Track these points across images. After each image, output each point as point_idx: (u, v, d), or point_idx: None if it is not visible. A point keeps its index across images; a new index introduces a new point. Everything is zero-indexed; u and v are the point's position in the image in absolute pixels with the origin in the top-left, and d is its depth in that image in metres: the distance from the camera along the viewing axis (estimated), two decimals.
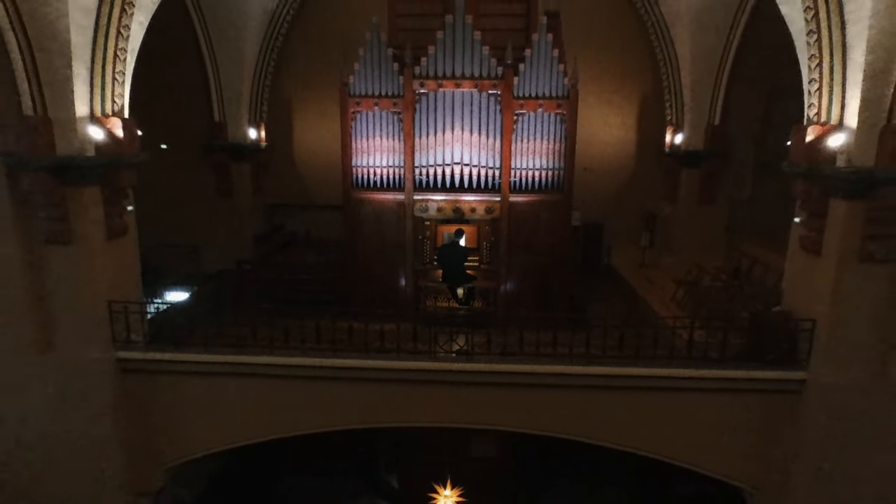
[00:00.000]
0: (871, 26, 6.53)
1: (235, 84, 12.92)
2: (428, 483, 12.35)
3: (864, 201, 7.10)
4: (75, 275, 7.90)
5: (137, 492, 8.73)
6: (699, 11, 11.48)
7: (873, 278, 7.29)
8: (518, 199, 10.12)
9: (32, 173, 7.37)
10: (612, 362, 8.03)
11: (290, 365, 8.26)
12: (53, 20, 6.88)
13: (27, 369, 7.93)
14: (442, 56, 9.72)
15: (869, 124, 6.89)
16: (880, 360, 7.50)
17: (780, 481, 8.09)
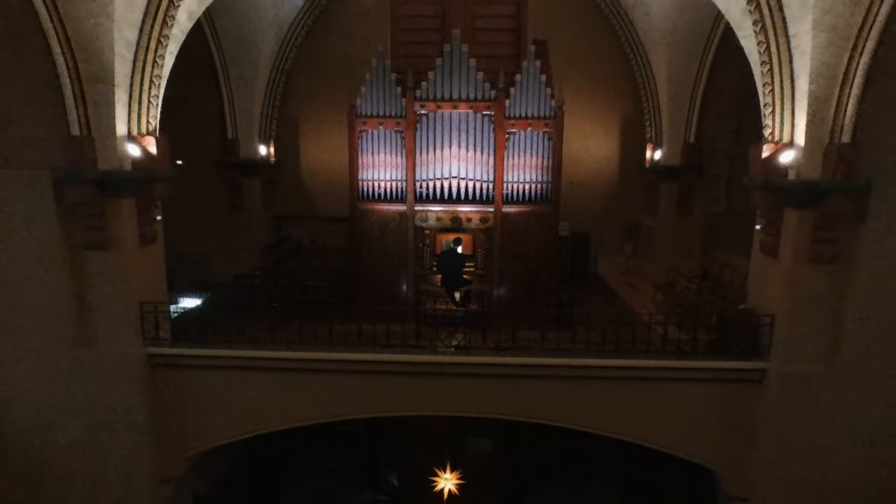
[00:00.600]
0: (812, 59, 7.57)
1: (247, 104, 13.87)
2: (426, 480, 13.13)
3: (812, 210, 8.08)
4: (112, 277, 8.74)
5: (162, 478, 9.49)
6: (674, 40, 12.56)
7: (821, 277, 8.25)
8: (510, 210, 11.07)
9: (77, 186, 8.25)
10: (595, 355, 8.93)
11: (304, 359, 9.09)
12: (101, 52, 7.80)
13: (68, 362, 8.72)
14: (440, 80, 10.72)
15: (815, 143, 7.90)
16: (830, 350, 8.43)
17: (745, 462, 8.96)
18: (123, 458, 9.09)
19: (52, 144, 8.16)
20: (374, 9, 14.03)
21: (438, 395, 9.23)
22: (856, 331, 8.25)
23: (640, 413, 9.07)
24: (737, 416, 8.93)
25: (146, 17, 8.10)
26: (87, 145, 8.14)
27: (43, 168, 8.23)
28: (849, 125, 7.62)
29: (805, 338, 8.46)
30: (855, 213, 7.95)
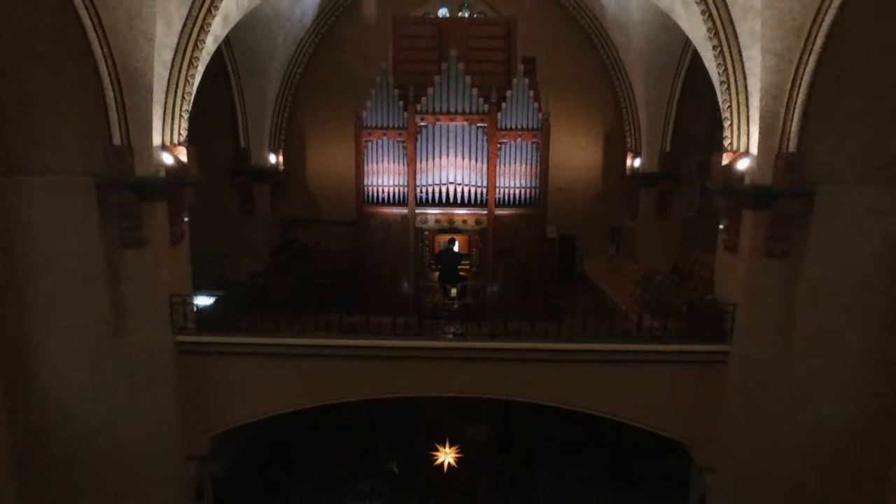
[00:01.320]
0: (762, 79, 8.71)
1: (259, 115, 14.90)
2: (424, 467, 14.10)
3: (766, 211, 9.19)
4: (145, 273, 9.67)
5: (187, 456, 10.39)
6: (650, 59, 13.74)
7: (775, 270, 9.34)
8: (502, 213, 12.15)
9: (117, 191, 9.20)
10: (578, 340, 9.98)
11: (317, 345, 10.06)
12: (143, 72, 8.82)
13: (105, 349, 9.61)
14: (439, 95, 11.80)
15: (766, 152, 9.03)
16: (783, 334, 9.50)
17: (712, 435, 10.01)
18: (153, 437, 9.96)
19: (96, 153, 9.11)
20: (376, 28, 15.15)
21: (438, 377, 10.23)
22: (805, 317, 9.34)
23: (620, 392, 10.09)
24: (704, 394, 9.97)
25: (180, 41, 9.14)
26: (126, 154, 9.12)
27: (86, 174, 9.18)
28: (794, 136, 8.76)
29: (762, 323, 9.53)
30: (802, 213, 9.08)
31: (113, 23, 8.32)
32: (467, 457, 14.54)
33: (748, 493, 9.82)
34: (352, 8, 15.39)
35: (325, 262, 15.36)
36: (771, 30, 8.30)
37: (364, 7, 15.28)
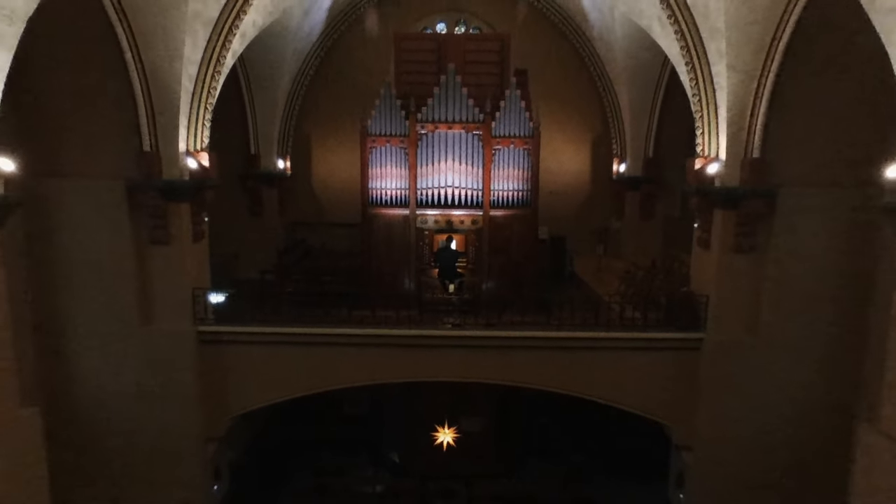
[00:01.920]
0: (728, 92, 9.69)
1: (268, 123, 15.81)
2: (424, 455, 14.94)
3: (734, 210, 10.16)
4: (170, 268, 10.54)
5: (207, 437, 11.20)
6: (633, 72, 14.75)
7: (743, 264, 10.29)
8: (496, 214, 13.08)
9: (146, 192, 10.09)
10: (566, 328, 10.89)
11: (328, 334, 10.92)
12: (171, 86, 9.72)
13: (133, 337, 10.44)
14: (438, 105, 12.76)
15: (733, 157, 10.00)
16: (752, 321, 10.44)
17: (689, 416, 10.91)
18: (177, 420, 10.77)
19: (128, 159, 9.99)
20: (377, 42, 16.11)
21: (438, 364, 11.09)
22: (770, 306, 10.28)
23: (604, 377, 10.97)
24: (681, 377, 10.87)
25: (204, 57, 10.05)
26: (155, 159, 10.01)
27: (118, 178, 10.05)
28: (758, 143, 9.72)
29: (732, 312, 10.46)
30: (766, 212, 10.04)
31: (147, 44, 9.22)
32: (465, 446, 15.42)
33: (722, 468, 10.70)
34: (355, 23, 16.35)
35: (330, 262, 16.22)
36: (734, 49, 9.27)
37: (366, 23, 16.24)
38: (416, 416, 15.39)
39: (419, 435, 15.17)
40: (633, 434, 14.50)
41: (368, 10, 16.09)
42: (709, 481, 10.81)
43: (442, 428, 13.12)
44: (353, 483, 15.25)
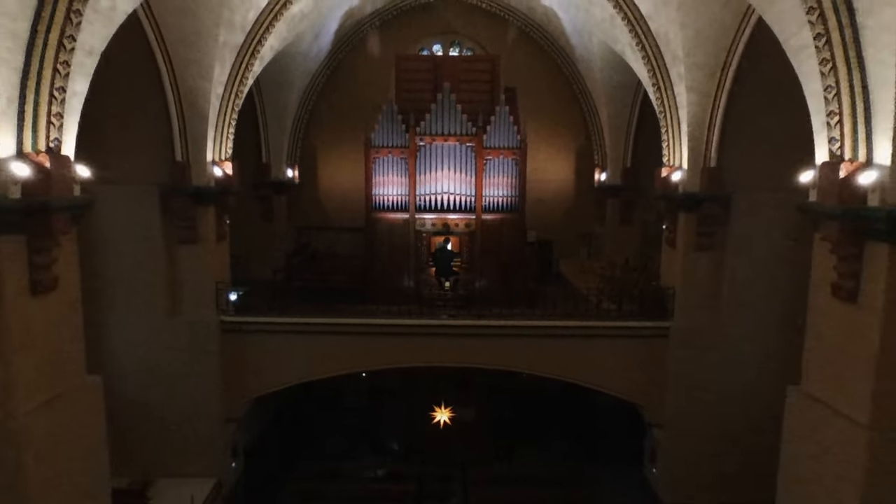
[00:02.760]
0: (688, 110, 11.08)
1: (278, 135, 17.11)
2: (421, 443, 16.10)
3: (695, 213, 11.51)
4: (196, 264, 11.78)
5: (226, 418, 12.38)
6: (611, 90, 16.15)
7: (704, 260, 11.62)
8: (488, 218, 14.41)
9: (177, 197, 11.36)
10: (549, 318, 12.19)
11: (336, 324, 12.15)
12: (201, 103, 11.03)
13: (163, 325, 11.65)
14: (435, 120, 14.12)
15: (694, 166, 11.36)
16: (713, 311, 11.73)
17: (659, 396, 12.18)
18: (201, 401, 11.94)
19: (160, 167, 11.26)
20: (379, 62, 17.49)
21: (435, 350, 12.33)
22: (728, 298, 11.60)
23: (583, 362, 12.24)
24: (651, 362, 12.14)
25: (229, 78, 11.36)
26: (186, 168, 11.29)
27: (152, 184, 11.32)
28: (714, 154, 11.09)
29: (695, 303, 11.75)
30: (722, 214, 11.40)
31: (183, 68, 10.53)
32: (460, 434, 16.60)
33: (687, 442, 11.93)
34: (359, 45, 17.72)
35: (335, 263, 17.51)
36: (691, 73, 10.67)
37: (368, 44, 17.62)
38: (414, 407, 16.62)
39: (417, 425, 16.38)
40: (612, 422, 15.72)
41: (370, 33, 17.47)
42: (676, 454, 12.06)
43: (439, 408, 14.30)
44: (356, 468, 16.37)
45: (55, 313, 7.02)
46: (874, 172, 6.14)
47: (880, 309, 6.27)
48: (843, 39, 6.16)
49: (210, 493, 11.76)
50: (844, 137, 6.45)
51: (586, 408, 17.05)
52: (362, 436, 17.78)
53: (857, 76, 6.16)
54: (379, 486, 15.35)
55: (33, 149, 6.32)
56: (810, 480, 7.26)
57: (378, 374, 17.21)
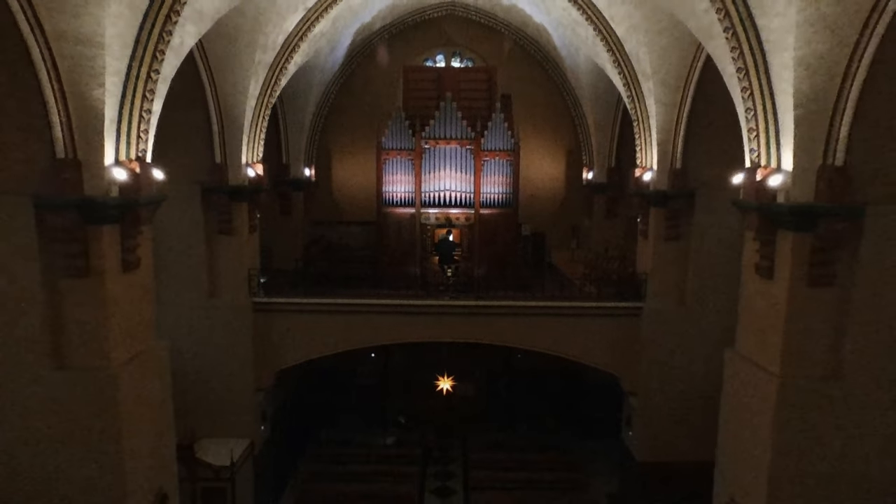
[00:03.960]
0: (657, 120, 12.77)
1: (297, 138, 18.82)
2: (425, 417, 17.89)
3: (664, 208, 13.21)
4: (232, 253, 13.49)
5: (257, 388, 14.13)
6: (597, 97, 17.82)
7: (671, 249, 13.30)
8: (485, 212, 16.14)
9: (217, 195, 13.09)
10: (538, 298, 13.94)
11: (354, 303, 13.87)
12: (239, 114, 12.75)
13: (203, 307, 13.38)
14: (438, 125, 15.83)
15: (662, 167, 13.03)
16: (679, 293, 13.46)
17: (633, 368, 13.93)
18: (236, 372, 13.68)
19: (202, 168, 12.96)
20: (388, 72, 19.18)
21: (438, 327, 14.06)
22: (692, 282, 13.31)
23: (568, 338, 13.95)
24: (628, 338, 13.85)
25: (261, 91, 13.09)
26: (224, 169, 13.03)
27: (195, 183, 13.04)
28: (679, 156, 12.77)
29: (664, 287, 13.45)
30: (687, 208, 13.11)
31: (223, 84, 12.25)
32: (460, 409, 18.42)
33: (658, 407, 13.67)
34: (369, 57, 19.39)
35: (347, 253, 19.26)
36: (657, 87, 12.36)
37: (378, 56, 19.30)
38: (419, 386, 18.48)
39: (421, 401, 18.24)
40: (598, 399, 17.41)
41: (379, 46, 19.14)
42: (648, 418, 13.79)
43: (442, 377, 16.10)
44: (368, 436, 18.17)
45: (137, 287, 8.79)
46: (780, 176, 7.87)
47: (787, 282, 8.01)
48: (757, 73, 7.88)
49: (244, 451, 13.55)
50: (760, 148, 8.18)
51: (575, 386, 18.82)
52: (373, 410, 19.58)
53: (768, 102, 7.88)
54: (388, 452, 17.19)
55: (127, 157, 8.07)
56: (740, 430, 9.01)
57: (387, 355, 19.09)
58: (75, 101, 7.40)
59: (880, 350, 7.93)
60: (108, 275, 8.08)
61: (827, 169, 7.58)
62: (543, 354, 14.80)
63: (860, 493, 8.10)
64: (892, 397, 7.97)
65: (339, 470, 15.93)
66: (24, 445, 8.09)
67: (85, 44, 7.14)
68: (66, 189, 7.55)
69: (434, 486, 16.37)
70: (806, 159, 7.67)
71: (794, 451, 8.08)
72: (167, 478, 9.58)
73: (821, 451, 8.07)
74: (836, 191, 7.55)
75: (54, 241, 7.78)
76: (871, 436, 8.02)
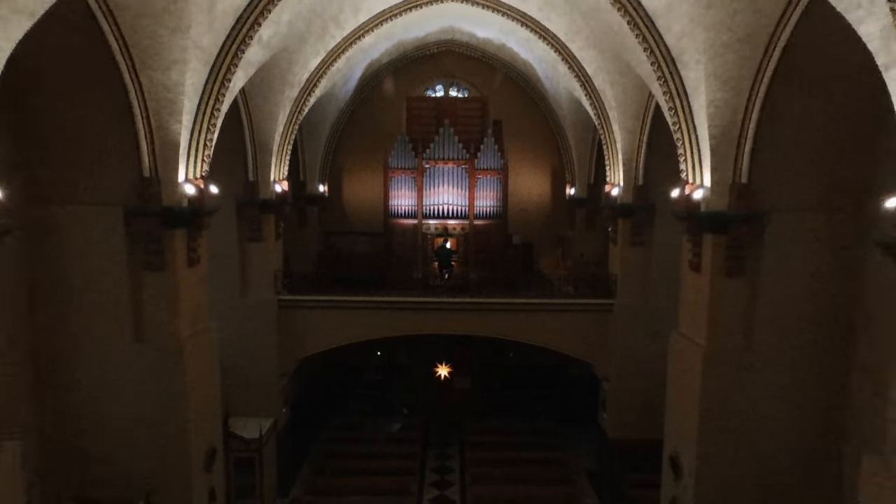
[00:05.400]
0: (621, 143, 15.01)
1: (313, 158, 21.03)
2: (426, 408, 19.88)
3: (630, 219, 15.37)
4: (261, 257, 15.64)
5: (280, 373, 16.19)
6: (577, 123, 20.08)
7: (636, 253, 15.43)
8: (478, 223, 18.31)
9: (249, 207, 15.29)
10: (523, 297, 16.06)
11: (365, 301, 16.01)
12: (267, 138, 14.99)
13: (235, 303, 15.49)
14: (438, 147, 18.07)
15: (627, 184, 15.22)
16: (644, 291, 15.55)
17: (606, 356, 15.99)
18: (264, 359, 15.70)
19: (238, 184, 15.18)
20: (393, 100, 21.49)
21: (437, 321, 16.17)
22: (654, 281, 15.42)
23: (549, 330, 16.03)
24: (601, 330, 15.95)
25: (287, 120, 15.35)
26: (256, 185, 15.24)
27: (231, 197, 15.21)
28: (641, 174, 14.94)
29: (631, 286, 15.57)
30: (648, 219, 15.28)
31: (257, 113, 14.52)
32: (457, 398, 20.41)
33: (627, 390, 15.66)
34: (376, 88, 21.70)
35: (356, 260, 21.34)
36: (621, 116, 14.61)
37: (385, 86, 21.63)
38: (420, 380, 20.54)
39: (422, 393, 20.25)
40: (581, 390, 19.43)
41: (386, 77, 21.47)
42: (619, 400, 15.81)
43: (441, 364, 18.18)
44: (374, 422, 20.14)
45: (197, 279, 10.94)
46: (702, 190, 10.06)
47: (709, 274, 10.15)
48: (683, 111, 10.11)
49: (270, 427, 15.53)
50: (688, 168, 10.38)
51: (560, 379, 20.86)
52: (378, 401, 21.58)
53: (692, 134, 10.10)
54: (394, 436, 19.16)
55: (194, 176, 10.28)
56: (679, 393, 11.08)
57: (390, 353, 21.18)
58: (160, 133, 9.62)
59: (780, 325, 10.03)
60: (179, 268, 10.23)
61: (736, 184, 9.76)
62: (532, 351, 16.90)
63: (771, 438, 10.14)
64: (789, 362, 10.04)
65: (350, 449, 17.90)
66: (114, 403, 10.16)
67: (171, 91, 9.38)
68: (151, 200, 9.73)
69: (434, 465, 18.32)
70: (720, 177, 9.86)
71: (715, 407, 10.14)
72: (215, 436, 11.67)
73: (737, 406, 10.12)
74: (742, 201, 9.72)
75: (139, 240, 9.94)
76: (775, 392, 10.09)
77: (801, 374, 10.08)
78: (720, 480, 10.17)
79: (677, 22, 9.35)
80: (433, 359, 20.67)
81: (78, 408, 10.12)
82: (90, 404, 10.15)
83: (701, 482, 10.26)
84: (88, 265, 9.94)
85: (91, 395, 10.16)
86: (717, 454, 10.18)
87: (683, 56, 9.70)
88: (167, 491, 10.37)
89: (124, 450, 10.23)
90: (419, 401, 21.22)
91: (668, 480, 11.47)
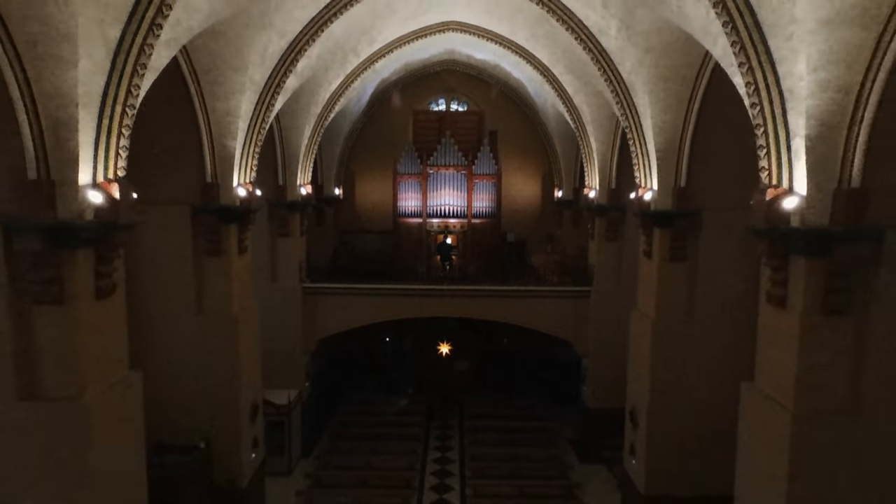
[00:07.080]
0: (596, 153, 17.40)
1: (329, 164, 23.47)
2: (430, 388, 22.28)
3: (604, 218, 17.71)
4: (288, 250, 18.07)
5: (304, 350, 18.60)
6: (563, 133, 22.41)
7: (611, 247, 17.78)
8: (476, 222, 20.73)
9: (279, 207, 17.73)
10: (513, 285, 18.45)
11: (377, 288, 18.40)
12: (296, 149, 17.43)
13: (268, 289, 17.83)
14: (440, 156, 20.52)
15: (602, 189, 17.61)
16: (617, 279, 17.88)
17: (584, 337, 18.33)
18: (290, 338, 18.10)
19: (270, 189, 17.62)
20: (401, 113, 23.93)
21: (440, 305, 18.54)
22: (625, 270, 17.77)
23: (536, 313, 18.40)
24: (580, 313, 18.29)
25: (311, 133, 17.78)
26: (284, 189, 17.67)
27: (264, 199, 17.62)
28: (613, 179, 17.32)
29: (607, 275, 17.92)
30: (620, 218, 17.65)
31: (288, 132, 16.96)
32: (458, 379, 22.79)
33: (601, 367, 17.95)
34: (386, 102, 24.15)
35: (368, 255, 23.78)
36: (596, 130, 16.99)
37: (393, 100, 24.08)
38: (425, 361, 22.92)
39: (427, 374, 22.64)
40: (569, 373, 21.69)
41: (394, 93, 23.92)
42: (596, 373, 18.11)
43: (442, 343, 20.60)
44: (384, 398, 22.52)
45: (245, 264, 13.37)
46: (651, 193, 12.43)
47: (657, 260, 12.49)
48: (636, 128, 12.47)
49: (296, 396, 17.94)
50: (642, 175, 12.75)
51: (549, 362, 23.16)
52: (387, 382, 23.94)
53: (644, 147, 12.47)
54: (401, 409, 21.56)
55: (244, 181, 12.70)
56: (636, 365, 13.34)
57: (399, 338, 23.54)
58: (220, 148, 12.05)
59: (715, 299, 12.33)
60: (232, 255, 12.64)
61: (677, 187, 12.11)
62: (523, 337, 19.19)
63: (707, 390, 12.41)
64: (722, 329, 12.33)
65: (364, 420, 20.28)
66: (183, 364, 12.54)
67: (229, 115, 11.82)
68: (212, 200, 12.15)
69: (437, 433, 20.68)
70: (664, 182, 12.21)
71: (662, 367, 12.45)
72: (258, 394, 14.08)
73: (680, 366, 12.43)
74: (682, 201, 12.06)
75: (201, 232, 12.35)
76: (711, 354, 12.38)
77: (732, 339, 12.34)
78: (666, 426, 12.47)
79: (628, 60, 11.73)
80: (436, 345, 23.06)
81: (156, 368, 12.49)
82: (164, 366, 12.52)
83: (652, 428, 12.58)
84: (162, 251, 12.36)
85: (164, 359, 12.54)
86: (664, 405, 12.48)
87: (635, 85, 12.07)
88: (222, 436, 12.75)
89: (189, 402, 12.60)
90: (424, 380, 23.60)
91: (629, 431, 13.79)
